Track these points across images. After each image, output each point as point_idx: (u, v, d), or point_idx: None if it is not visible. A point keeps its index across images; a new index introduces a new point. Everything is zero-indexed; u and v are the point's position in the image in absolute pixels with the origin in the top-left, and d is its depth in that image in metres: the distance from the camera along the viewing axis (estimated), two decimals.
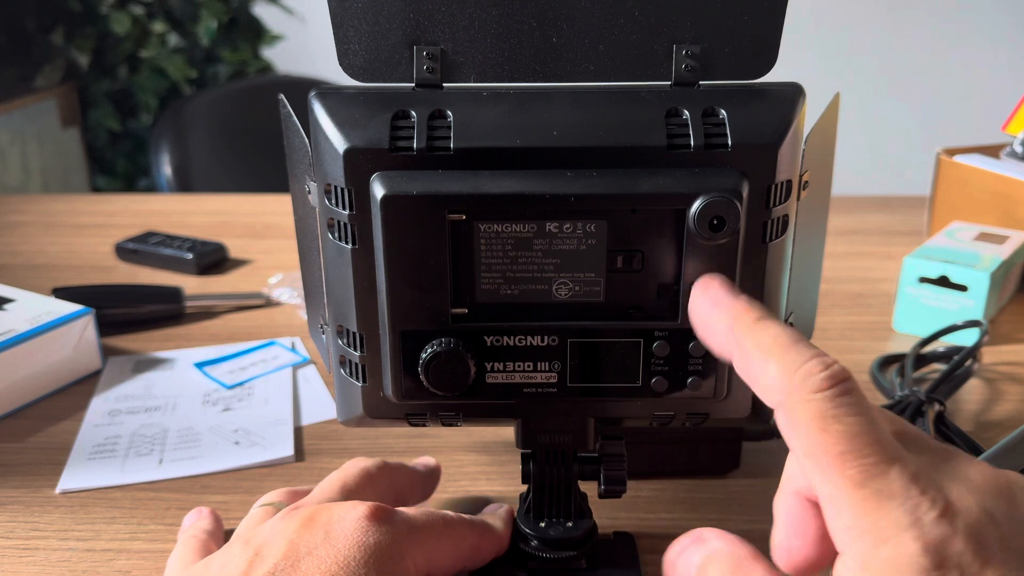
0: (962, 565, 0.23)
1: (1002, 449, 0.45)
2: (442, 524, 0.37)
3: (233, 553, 0.35)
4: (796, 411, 0.26)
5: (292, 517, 0.35)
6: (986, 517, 0.25)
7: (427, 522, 0.36)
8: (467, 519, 0.39)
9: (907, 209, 1.06)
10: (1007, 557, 0.24)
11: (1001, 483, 0.26)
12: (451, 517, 0.38)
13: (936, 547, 0.23)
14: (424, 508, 0.38)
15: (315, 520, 0.35)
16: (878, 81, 2.54)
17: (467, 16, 0.35)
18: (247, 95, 1.66)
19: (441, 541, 0.37)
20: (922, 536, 0.24)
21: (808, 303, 0.44)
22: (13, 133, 2.14)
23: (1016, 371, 0.66)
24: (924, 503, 0.24)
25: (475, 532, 0.38)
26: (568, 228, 0.34)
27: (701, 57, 0.35)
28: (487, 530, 0.39)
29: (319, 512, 0.35)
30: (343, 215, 0.34)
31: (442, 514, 0.38)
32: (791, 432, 0.27)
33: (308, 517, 0.35)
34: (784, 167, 0.34)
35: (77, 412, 0.59)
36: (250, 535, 0.36)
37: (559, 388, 0.36)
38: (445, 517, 0.38)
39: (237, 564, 0.34)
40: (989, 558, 0.24)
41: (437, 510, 0.38)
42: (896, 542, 0.24)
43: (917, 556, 0.23)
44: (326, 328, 0.39)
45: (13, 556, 0.45)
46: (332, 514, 0.35)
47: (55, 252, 0.93)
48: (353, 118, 0.33)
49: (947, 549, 0.23)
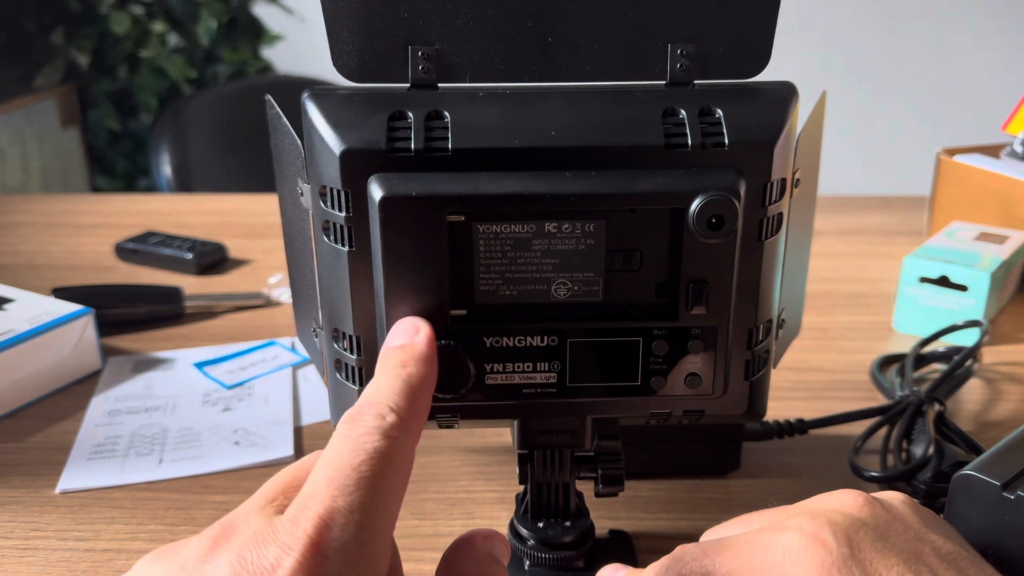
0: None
1: (1002, 449, 0.45)
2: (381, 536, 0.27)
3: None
4: None
5: (218, 562, 0.25)
6: (855, 523, 0.29)
7: (373, 509, 0.26)
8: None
9: (907, 209, 1.06)
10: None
11: (862, 499, 0.31)
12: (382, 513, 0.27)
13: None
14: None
15: (216, 554, 0.25)
16: (878, 81, 2.54)
17: (462, 16, 0.35)
18: (247, 95, 1.66)
19: (383, 539, 0.27)
20: None
21: (797, 301, 0.44)
22: (13, 133, 2.14)
23: (1016, 371, 0.66)
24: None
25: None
26: (567, 228, 0.34)
27: (695, 56, 0.35)
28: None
29: (227, 544, 0.26)
30: (339, 217, 0.34)
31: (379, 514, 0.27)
32: None
33: (208, 549, 0.26)
34: (779, 165, 0.34)
35: (77, 412, 0.59)
36: (164, 555, 0.27)
37: (558, 388, 0.36)
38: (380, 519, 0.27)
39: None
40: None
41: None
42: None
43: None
44: (319, 331, 0.39)
45: (13, 556, 0.45)
46: (251, 557, 0.25)
47: (55, 252, 0.93)
48: (348, 119, 0.33)
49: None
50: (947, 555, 0.29)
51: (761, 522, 0.32)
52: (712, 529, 0.35)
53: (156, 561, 0.27)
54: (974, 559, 0.30)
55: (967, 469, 0.43)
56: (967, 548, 0.31)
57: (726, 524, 0.35)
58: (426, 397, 0.31)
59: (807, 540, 0.29)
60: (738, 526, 0.34)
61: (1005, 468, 0.42)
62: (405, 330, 0.33)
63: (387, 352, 0.32)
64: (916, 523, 0.31)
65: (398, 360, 0.31)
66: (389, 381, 0.30)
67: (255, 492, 0.29)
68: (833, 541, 0.29)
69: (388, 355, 0.32)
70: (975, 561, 0.30)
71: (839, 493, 0.32)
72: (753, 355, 0.37)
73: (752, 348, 0.37)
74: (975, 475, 0.42)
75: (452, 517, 0.48)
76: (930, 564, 0.28)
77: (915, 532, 0.30)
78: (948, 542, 0.30)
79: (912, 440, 0.52)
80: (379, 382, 0.30)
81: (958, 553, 0.30)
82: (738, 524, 0.34)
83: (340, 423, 0.28)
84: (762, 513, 0.33)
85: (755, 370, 0.37)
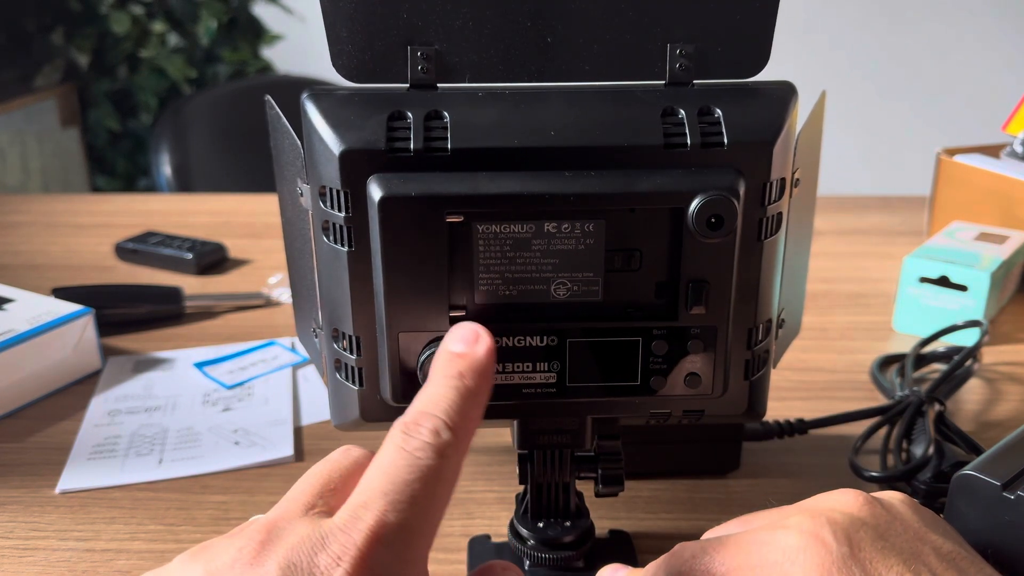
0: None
1: (1002, 449, 0.45)
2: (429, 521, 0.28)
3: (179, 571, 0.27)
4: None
5: (267, 563, 0.26)
6: (855, 523, 0.29)
7: (420, 529, 0.27)
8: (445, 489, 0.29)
9: (907, 209, 1.06)
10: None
11: (862, 498, 0.31)
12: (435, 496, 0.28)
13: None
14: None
15: (264, 558, 0.26)
16: (878, 81, 2.54)
17: (461, 16, 0.35)
18: (247, 95, 1.66)
19: (428, 536, 0.28)
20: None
21: (796, 300, 0.44)
22: (13, 133, 2.14)
23: (1016, 371, 0.66)
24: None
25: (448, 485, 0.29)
26: (566, 228, 0.34)
27: (695, 56, 0.35)
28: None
29: (274, 548, 0.26)
30: (339, 217, 0.34)
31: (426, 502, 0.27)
32: None
33: (256, 552, 0.26)
34: (778, 165, 0.34)
35: (77, 412, 0.59)
36: (204, 555, 0.27)
37: (558, 388, 0.36)
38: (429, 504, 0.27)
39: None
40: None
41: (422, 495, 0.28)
42: None
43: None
44: (319, 331, 0.39)
45: (13, 556, 0.45)
46: (301, 564, 0.25)
47: (55, 252, 0.93)
48: (348, 119, 0.33)
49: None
50: (947, 555, 0.29)
51: (761, 522, 0.32)
52: (713, 529, 0.35)
53: (194, 561, 0.26)
54: (974, 559, 0.30)
55: (967, 469, 0.43)
56: (967, 548, 0.31)
57: (726, 524, 0.35)
58: (479, 413, 0.30)
59: (807, 539, 0.29)
60: (738, 526, 0.34)
61: (1005, 468, 0.42)
62: (465, 336, 0.30)
63: (446, 358, 0.30)
64: (916, 523, 0.31)
65: (456, 369, 0.29)
66: (446, 392, 0.29)
67: (288, 493, 0.29)
68: (833, 540, 0.29)
69: (446, 361, 0.30)
70: (975, 561, 0.30)
71: (839, 492, 0.32)
72: (753, 355, 0.37)
73: (752, 348, 0.37)
74: (975, 475, 0.42)
75: (452, 517, 0.48)
76: (930, 564, 0.28)
77: (915, 532, 0.30)
78: (948, 542, 0.30)
79: (912, 440, 0.52)
80: (435, 391, 0.29)
81: (958, 553, 0.30)
82: (738, 524, 0.34)
83: (394, 430, 0.28)
84: (762, 513, 0.33)
85: (755, 370, 0.37)
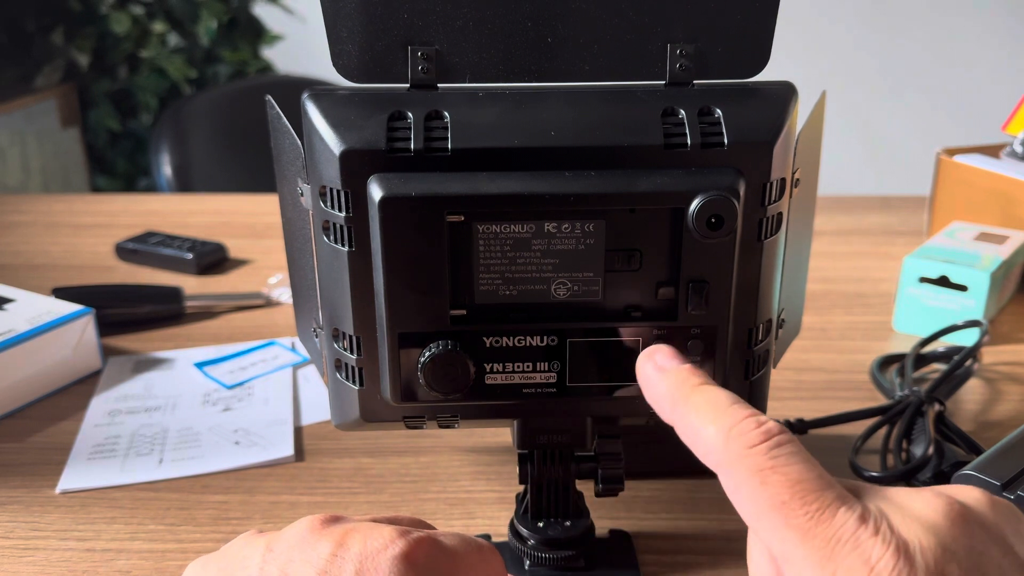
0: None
1: (1002, 449, 0.45)
2: (476, 552, 0.32)
3: (251, 560, 0.30)
4: (734, 468, 0.26)
5: (325, 537, 0.30)
6: (945, 554, 0.24)
7: (465, 552, 0.31)
8: (491, 545, 0.34)
9: (907, 209, 1.06)
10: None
11: (954, 513, 0.25)
12: (482, 543, 0.33)
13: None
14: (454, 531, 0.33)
15: (346, 547, 0.29)
16: (878, 81, 2.54)
17: (462, 16, 0.35)
18: (247, 95, 1.66)
19: (477, 573, 0.32)
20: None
21: (797, 300, 0.44)
22: (13, 133, 2.14)
23: (1016, 371, 0.66)
24: (877, 546, 0.24)
25: (498, 558, 0.33)
26: (567, 228, 0.34)
27: (695, 56, 0.35)
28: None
29: (351, 536, 0.30)
30: (339, 217, 0.34)
31: (475, 542, 0.32)
32: (735, 494, 0.27)
33: (339, 542, 0.29)
34: (778, 165, 0.34)
35: (77, 412, 0.59)
36: (275, 543, 0.30)
37: (558, 388, 0.36)
38: (478, 544, 0.32)
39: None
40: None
41: (466, 535, 0.32)
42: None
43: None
44: (319, 331, 0.39)
45: (13, 556, 0.45)
46: (366, 547, 0.29)
47: (55, 252, 0.93)
48: (348, 119, 0.33)
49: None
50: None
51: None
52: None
53: (256, 536, 0.30)
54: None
55: (967, 469, 0.43)
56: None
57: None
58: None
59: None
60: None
61: (1005, 468, 0.42)
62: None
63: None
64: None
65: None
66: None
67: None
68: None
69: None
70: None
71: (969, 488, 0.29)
72: (753, 355, 0.37)
73: (752, 348, 0.37)
74: (975, 475, 0.42)
75: (452, 517, 0.48)
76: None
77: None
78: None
79: (912, 440, 0.52)
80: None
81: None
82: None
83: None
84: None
85: (755, 370, 0.37)
